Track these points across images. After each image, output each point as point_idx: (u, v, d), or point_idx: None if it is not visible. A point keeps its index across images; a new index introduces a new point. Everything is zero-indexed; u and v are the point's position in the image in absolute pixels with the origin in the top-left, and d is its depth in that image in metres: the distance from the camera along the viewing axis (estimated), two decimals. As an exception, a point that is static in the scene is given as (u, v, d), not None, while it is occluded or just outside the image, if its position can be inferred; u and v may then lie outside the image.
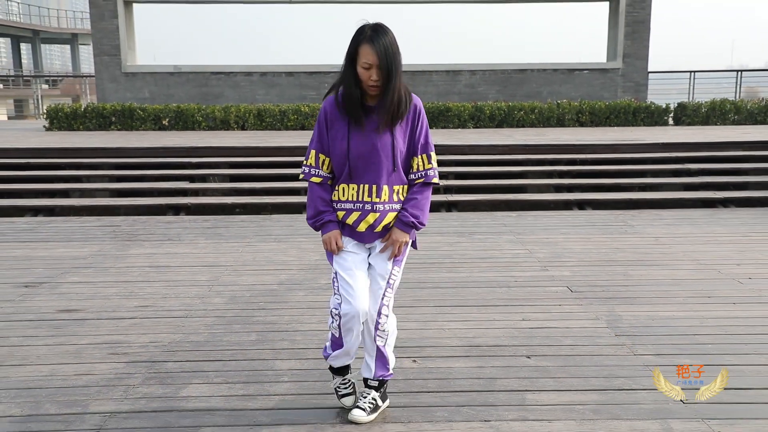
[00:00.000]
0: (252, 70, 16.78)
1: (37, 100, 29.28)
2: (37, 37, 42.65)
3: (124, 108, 14.67)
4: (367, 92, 2.93)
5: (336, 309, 3.00)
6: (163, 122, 14.47)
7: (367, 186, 3.01)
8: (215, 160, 10.19)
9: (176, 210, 8.51)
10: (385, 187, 3.02)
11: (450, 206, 8.63)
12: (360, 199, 3.03)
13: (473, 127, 14.62)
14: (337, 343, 3.10)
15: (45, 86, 35.08)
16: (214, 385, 3.49)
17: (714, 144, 10.79)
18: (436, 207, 8.50)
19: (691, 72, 18.14)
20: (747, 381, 3.52)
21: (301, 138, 11.78)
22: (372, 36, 2.84)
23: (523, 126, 14.66)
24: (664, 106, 15.52)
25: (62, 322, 4.46)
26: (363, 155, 2.98)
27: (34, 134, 13.92)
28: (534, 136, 12.12)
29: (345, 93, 2.95)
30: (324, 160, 3.05)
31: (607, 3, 17.28)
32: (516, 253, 6.29)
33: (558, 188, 9.32)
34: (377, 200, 3.02)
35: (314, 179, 3.05)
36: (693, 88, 18.07)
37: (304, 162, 3.09)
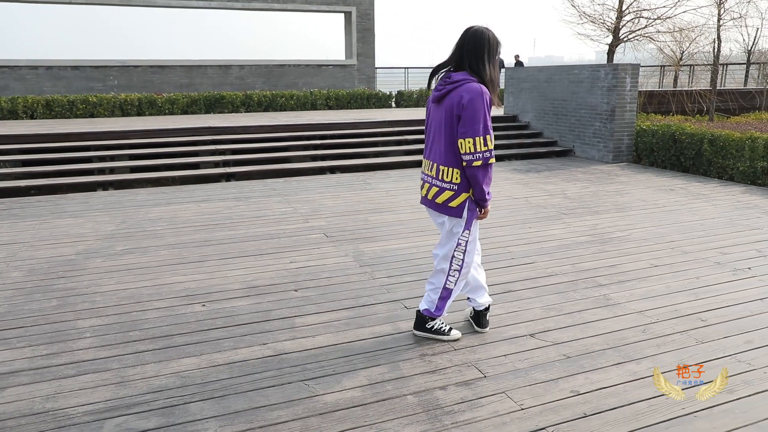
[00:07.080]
0: (37, 64, 14.49)
1: None
2: None
3: None
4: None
5: (467, 264, 2.97)
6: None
7: None
8: (5, 147, 8.68)
9: (-33, 195, 7.15)
10: None
11: (228, 177, 8.32)
12: None
13: (245, 112, 14.15)
14: (450, 296, 3.04)
15: None
16: (16, 350, 3.04)
17: (423, 120, 11.63)
18: (216, 178, 8.16)
19: (405, 68, 19.26)
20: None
21: (91, 125, 10.53)
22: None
23: (285, 110, 14.53)
24: (388, 93, 16.36)
25: None
26: None
27: None
28: (294, 117, 12.06)
29: (497, 81, 2.82)
30: None
31: (342, 15, 17.61)
32: (284, 210, 6.28)
33: (314, 158, 9.42)
34: None
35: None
36: (407, 80, 19.24)
37: (488, 147, 2.70)
